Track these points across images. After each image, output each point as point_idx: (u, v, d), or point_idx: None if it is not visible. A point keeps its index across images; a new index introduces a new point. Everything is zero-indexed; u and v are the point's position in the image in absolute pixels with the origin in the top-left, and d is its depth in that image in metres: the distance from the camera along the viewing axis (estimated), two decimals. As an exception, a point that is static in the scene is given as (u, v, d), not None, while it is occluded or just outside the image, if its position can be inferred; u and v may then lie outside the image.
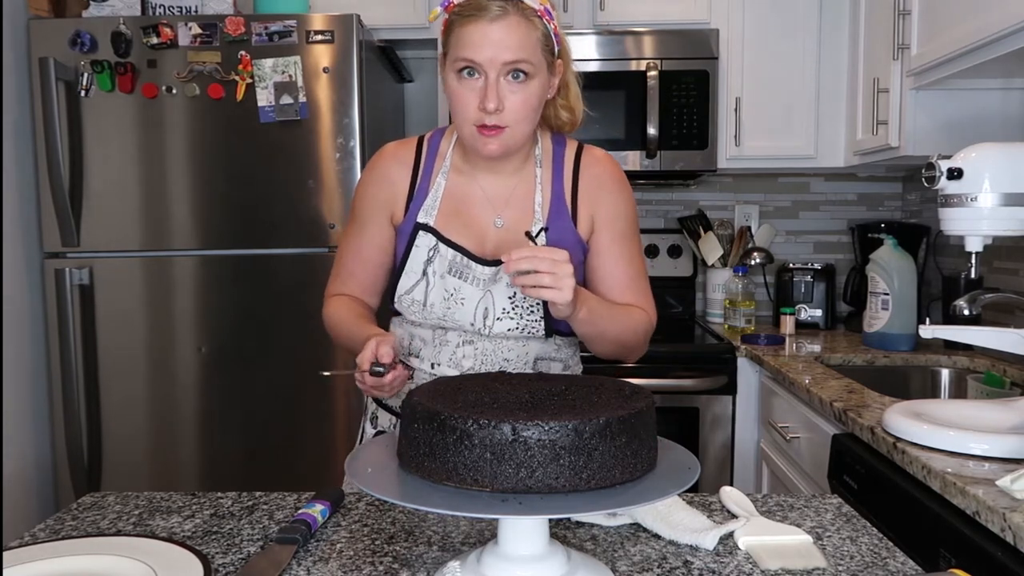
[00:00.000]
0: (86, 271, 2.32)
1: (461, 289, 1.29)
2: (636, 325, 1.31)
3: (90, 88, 2.27)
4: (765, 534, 0.94)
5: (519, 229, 1.30)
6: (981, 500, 1.11)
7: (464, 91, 1.21)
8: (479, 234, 1.31)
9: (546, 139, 1.37)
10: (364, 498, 1.10)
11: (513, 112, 1.20)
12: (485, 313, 1.28)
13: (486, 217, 1.32)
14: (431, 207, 1.32)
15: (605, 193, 1.34)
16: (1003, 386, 1.98)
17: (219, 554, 0.93)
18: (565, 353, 1.37)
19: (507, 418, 0.72)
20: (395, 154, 1.39)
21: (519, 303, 1.28)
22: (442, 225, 1.31)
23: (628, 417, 0.75)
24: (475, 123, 1.21)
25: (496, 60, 1.17)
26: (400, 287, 1.32)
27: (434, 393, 0.81)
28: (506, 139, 1.22)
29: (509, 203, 1.32)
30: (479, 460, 0.72)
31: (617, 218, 1.34)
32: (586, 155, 1.36)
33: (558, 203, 1.33)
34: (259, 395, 2.32)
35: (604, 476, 0.74)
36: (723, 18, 2.66)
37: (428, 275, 1.30)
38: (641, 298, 1.35)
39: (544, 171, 1.34)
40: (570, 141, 1.39)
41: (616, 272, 1.34)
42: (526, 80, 1.20)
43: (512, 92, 1.19)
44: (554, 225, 1.31)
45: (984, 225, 1.39)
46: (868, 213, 3.05)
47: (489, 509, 0.71)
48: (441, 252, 1.29)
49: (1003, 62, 1.76)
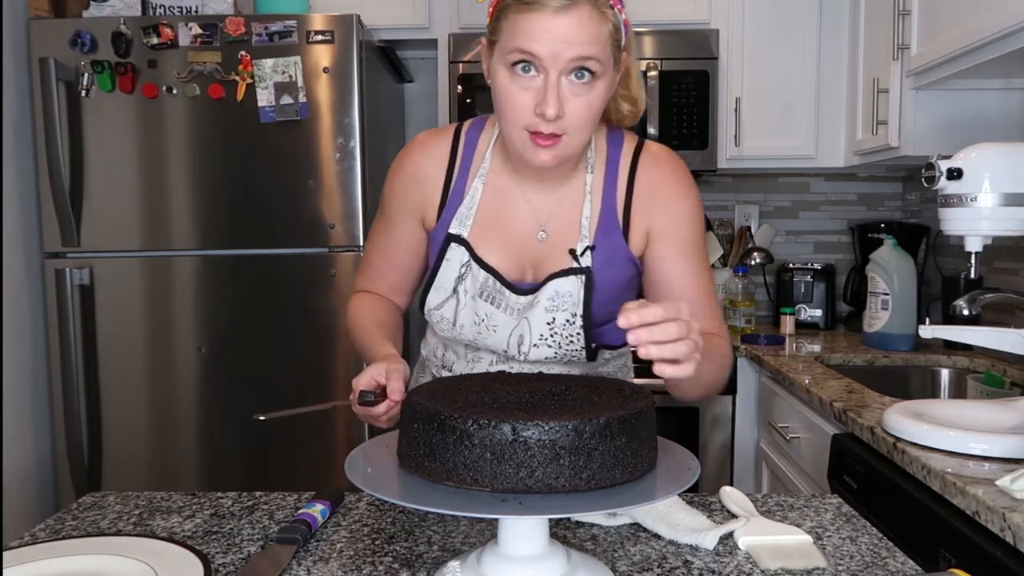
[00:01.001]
0: (86, 271, 2.32)
1: (493, 316, 1.16)
2: (724, 361, 1.14)
3: (90, 88, 2.27)
4: (765, 534, 0.94)
5: (563, 246, 1.15)
6: (981, 500, 1.11)
7: (516, 89, 1.02)
8: (517, 249, 1.17)
9: (601, 138, 1.19)
10: (364, 498, 1.10)
11: (574, 119, 1.03)
12: (520, 340, 1.16)
13: (527, 230, 1.17)
14: (465, 216, 1.17)
15: (663, 199, 1.16)
16: (1003, 386, 1.98)
17: (219, 554, 0.93)
18: (612, 367, 1.26)
19: (507, 418, 0.72)
20: (427, 149, 1.22)
21: (558, 330, 1.15)
22: (476, 239, 1.17)
23: (628, 417, 0.75)
24: (527, 128, 1.03)
25: (560, 57, 0.99)
26: (429, 301, 1.20)
27: (434, 393, 0.81)
28: (562, 150, 1.05)
29: (554, 215, 1.17)
30: (479, 460, 0.72)
31: (678, 225, 1.17)
32: (644, 156, 1.19)
33: (608, 217, 1.16)
34: (259, 395, 2.32)
35: (604, 476, 0.74)
36: (723, 18, 2.66)
37: (459, 294, 1.17)
38: (713, 321, 1.17)
39: (595, 178, 1.17)
40: (628, 138, 1.21)
41: (683, 286, 1.16)
42: (592, 81, 1.02)
43: (575, 95, 1.01)
44: (602, 243, 1.15)
45: (984, 225, 1.39)
46: (868, 213, 3.05)
47: (489, 509, 0.71)
48: (473, 271, 1.16)
49: (1003, 62, 1.76)
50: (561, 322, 1.14)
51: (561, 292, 1.14)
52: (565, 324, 1.14)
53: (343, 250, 2.30)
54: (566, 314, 1.14)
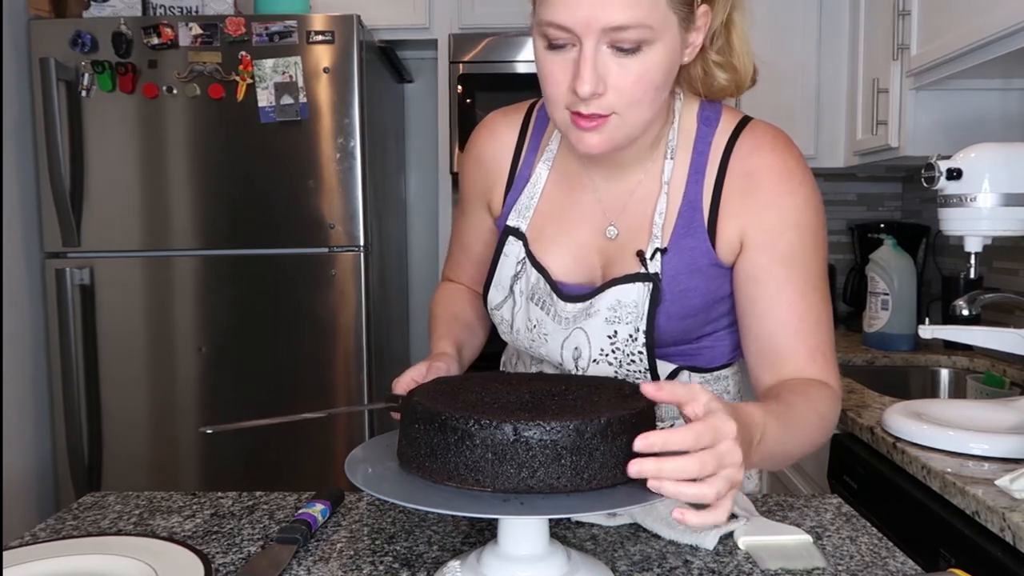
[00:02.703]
0: (86, 271, 2.32)
1: (543, 323, 1.01)
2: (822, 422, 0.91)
3: (91, 88, 2.27)
4: (765, 534, 0.94)
5: (633, 247, 0.98)
6: (981, 500, 1.11)
7: (551, 65, 0.87)
8: (582, 248, 1.01)
9: (690, 114, 0.99)
10: (364, 498, 1.10)
11: (622, 95, 0.86)
12: (576, 353, 1.00)
13: (594, 225, 1.01)
14: (526, 206, 1.03)
15: (761, 196, 0.95)
16: (1003, 386, 1.98)
17: (219, 554, 0.93)
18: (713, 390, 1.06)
19: (509, 418, 0.72)
20: (494, 130, 1.09)
21: (620, 346, 0.97)
22: (535, 233, 1.03)
23: (629, 417, 0.75)
24: (568, 107, 0.89)
25: (593, 24, 0.82)
26: (490, 299, 1.06)
27: (434, 393, 0.81)
28: (612, 132, 0.89)
29: (626, 209, 1.00)
30: (480, 460, 0.72)
31: (778, 232, 0.94)
32: (743, 139, 0.97)
33: (690, 213, 0.97)
34: (259, 395, 2.32)
35: (605, 476, 0.74)
36: (723, 18, 2.65)
37: (515, 294, 1.03)
38: (817, 359, 0.94)
39: (677, 166, 0.98)
40: (728, 115, 1.00)
41: (777, 310, 0.94)
42: (641, 50, 0.84)
43: (621, 66, 0.85)
44: (679, 246, 0.96)
45: (984, 225, 1.40)
46: (868, 213, 3.05)
47: (491, 509, 0.71)
48: (527, 271, 1.02)
49: (1003, 62, 1.76)
50: (623, 337, 0.97)
51: (624, 301, 0.97)
52: (627, 340, 0.97)
53: (343, 250, 2.30)
54: (629, 328, 0.97)
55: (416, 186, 3.16)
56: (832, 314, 0.99)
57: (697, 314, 1.00)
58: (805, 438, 0.90)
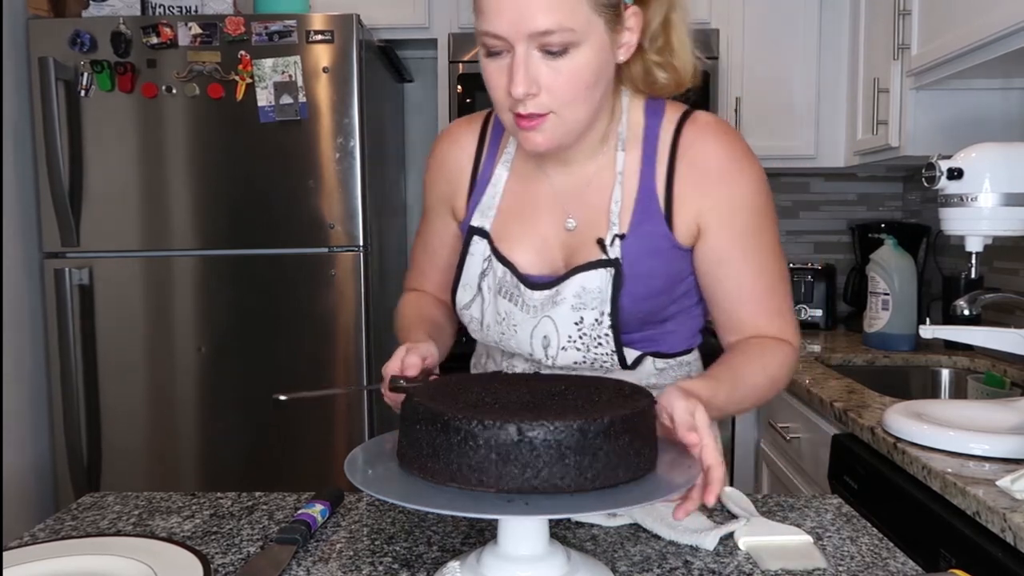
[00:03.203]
0: (86, 271, 2.31)
1: (512, 314, 1.07)
2: (774, 374, 1.04)
3: (90, 88, 2.27)
4: (765, 534, 0.94)
5: (592, 236, 1.04)
6: (981, 500, 1.11)
7: (492, 72, 0.95)
8: (544, 241, 1.07)
9: (637, 109, 1.06)
10: (364, 498, 1.09)
11: (554, 94, 0.93)
12: (546, 342, 1.05)
13: (553, 219, 1.07)
14: (488, 206, 1.09)
15: (712, 182, 1.02)
16: (1003, 386, 1.98)
17: (219, 554, 0.93)
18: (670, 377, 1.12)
19: (512, 418, 0.72)
20: (455, 137, 1.15)
21: (587, 331, 1.03)
22: (499, 231, 1.08)
23: (631, 416, 0.75)
24: (511, 109, 0.95)
25: (520, 30, 0.89)
26: (458, 300, 1.11)
27: (435, 393, 0.81)
28: (554, 129, 0.95)
29: (582, 200, 1.05)
30: (484, 461, 0.72)
31: (734, 212, 1.03)
32: (689, 128, 1.04)
33: (646, 201, 1.03)
34: (259, 395, 2.32)
35: (609, 475, 0.74)
36: (723, 18, 2.65)
37: (483, 291, 1.09)
38: (776, 320, 1.05)
39: (629, 157, 1.04)
40: (672, 108, 1.06)
41: (739, 285, 1.04)
42: (568, 52, 0.91)
43: (551, 68, 0.92)
44: (637, 231, 1.03)
45: (984, 225, 1.40)
46: (868, 213, 3.05)
47: (495, 509, 0.70)
48: (494, 266, 1.07)
49: (1003, 62, 1.76)
50: (590, 322, 1.03)
51: (588, 288, 1.02)
52: (593, 324, 1.03)
53: (343, 250, 2.30)
54: (594, 313, 1.03)
55: (416, 186, 3.15)
56: (788, 271, 1.09)
57: (660, 295, 1.06)
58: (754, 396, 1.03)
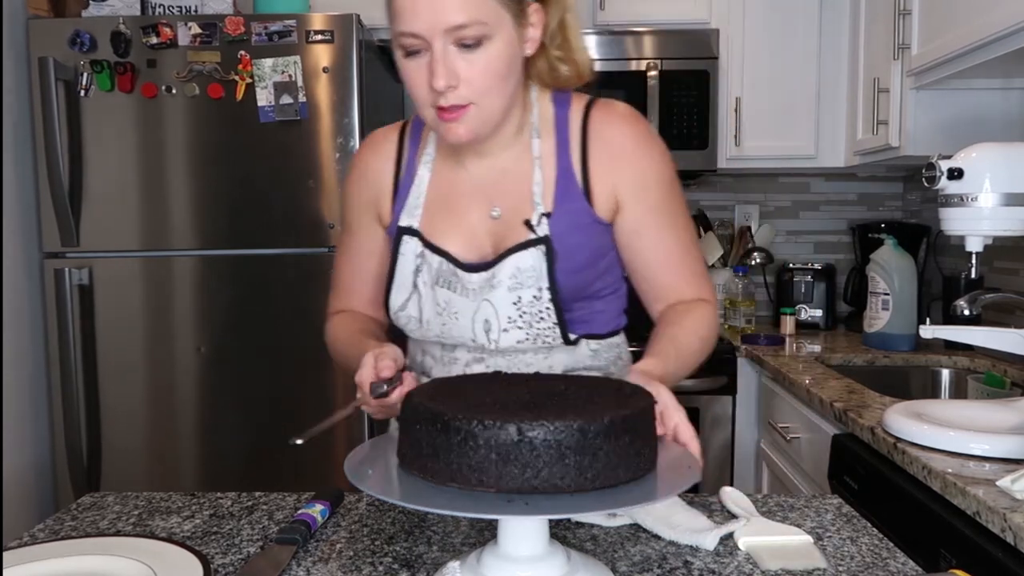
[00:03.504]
0: (86, 271, 2.31)
1: (452, 302, 1.11)
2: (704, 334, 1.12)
3: (90, 88, 2.27)
4: (765, 534, 0.94)
5: (519, 219, 1.09)
6: (981, 500, 1.11)
7: (412, 71, 1.00)
8: (470, 231, 1.12)
9: (545, 101, 1.14)
10: (364, 498, 1.09)
11: (473, 85, 0.99)
12: (487, 326, 1.10)
13: (479, 210, 1.12)
14: (414, 206, 1.14)
15: (624, 159, 1.10)
16: (1003, 386, 1.98)
17: (219, 554, 0.93)
18: (604, 359, 1.19)
19: (512, 418, 0.72)
20: (375, 146, 1.20)
21: (525, 308, 1.09)
22: (428, 227, 1.13)
23: (631, 416, 0.75)
24: (432, 105, 1.01)
25: (435, 27, 0.96)
26: (392, 302, 1.15)
27: (434, 394, 0.81)
28: (474, 119, 1.02)
29: (504, 188, 1.12)
30: (484, 461, 0.72)
31: (647, 187, 1.11)
32: (596, 113, 1.12)
33: (565, 180, 1.10)
34: (259, 395, 2.32)
35: (609, 475, 0.74)
36: (723, 18, 2.65)
37: (419, 287, 1.13)
38: (693, 281, 1.14)
39: (544, 143, 1.12)
40: (577, 98, 1.15)
41: (657, 253, 1.13)
42: (482, 44, 0.98)
43: (468, 61, 0.98)
44: (562, 208, 1.09)
45: (984, 225, 1.39)
46: (868, 213, 3.05)
47: (496, 509, 0.70)
48: (428, 260, 1.12)
49: (1003, 62, 1.76)
50: (528, 299, 1.08)
51: (523, 267, 1.08)
52: (532, 301, 1.08)
53: (343, 250, 2.30)
54: (532, 290, 1.08)
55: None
56: (696, 235, 1.19)
57: (587, 268, 1.13)
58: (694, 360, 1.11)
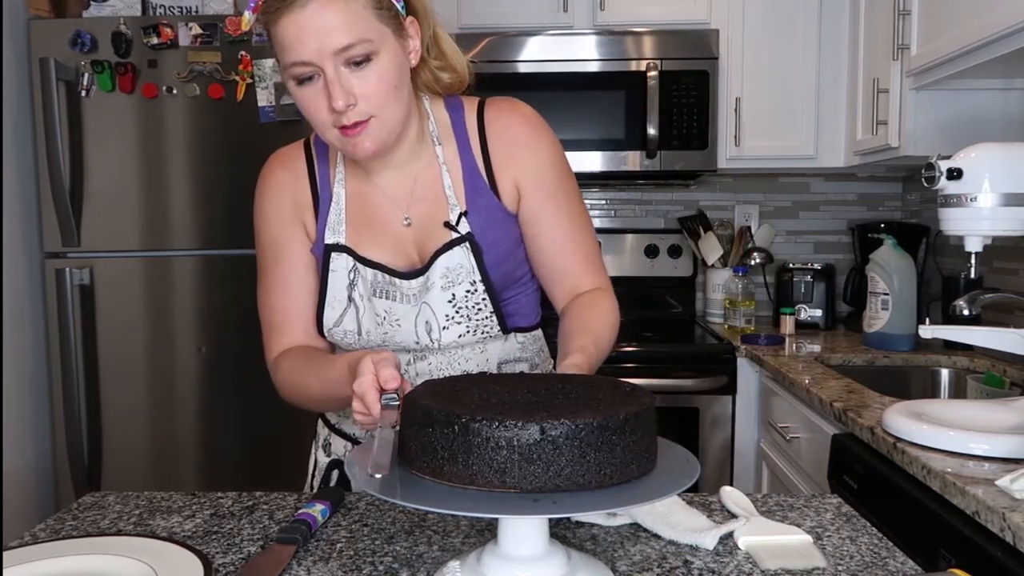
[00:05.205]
0: (86, 271, 2.32)
1: (392, 310, 1.13)
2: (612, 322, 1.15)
3: (90, 88, 2.27)
4: (765, 534, 0.94)
5: (435, 223, 1.14)
6: (981, 500, 1.11)
7: (308, 98, 1.03)
8: (395, 241, 1.15)
9: (439, 108, 1.18)
10: (364, 498, 1.10)
11: (370, 99, 1.02)
12: (428, 327, 1.14)
13: (397, 220, 1.15)
14: (336, 223, 1.15)
15: (520, 150, 1.16)
16: (1003, 386, 1.98)
17: (219, 554, 0.93)
18: (530, 351, 1.24)
19: (533, 418, 0.72)
20: (285, 163, 1.20)
21: (461, 303, 1.13)
22: (354, 241, 1.15)
23: (640, 412, 0.76)
24: (334, 126, 1.03)
25: (325, 50, 0.98)
26: (327, 319, 1.15)
27: (436, 395, 0.80)
28: (376, 131, 1.05)
29: (418, 195, 1.15)
30: (506, 462, 0.71)
31: (541, 174, 1.16)
32: (489, 112, 1.18)
33: (473, 179, 1.15)
34: (259, 395, 2.32)
35: (624, 471, 0.74)
36: (723, 18, 2.65)
37: (355, 300, 1.14)
38: (591, 268, 1.19)
39: (446, 147, 1.16)
40: (468, 101, 1.20)
41: (554, 236, 1.17)
42: (371, 60, 1.01)
43: (360, 78, 1.01)
44: (475, 205, 1.15)
45: (984, 225, 1.39)
46: (868, 213, 3.05)
47: (522, 510, 0.70)
48: (361, 273, 1.14)
49: (1003, 62, 1.76)
50: (461, 295, 1.13)
51: (452, 266, 1.12)
52: (466, 295, 1.13)
53: (343, 250, 2.30)
54: (464, 285, 1.13)
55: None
56: (592, 223, 1.23)
57: (509, 259, 1.18)
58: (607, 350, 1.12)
